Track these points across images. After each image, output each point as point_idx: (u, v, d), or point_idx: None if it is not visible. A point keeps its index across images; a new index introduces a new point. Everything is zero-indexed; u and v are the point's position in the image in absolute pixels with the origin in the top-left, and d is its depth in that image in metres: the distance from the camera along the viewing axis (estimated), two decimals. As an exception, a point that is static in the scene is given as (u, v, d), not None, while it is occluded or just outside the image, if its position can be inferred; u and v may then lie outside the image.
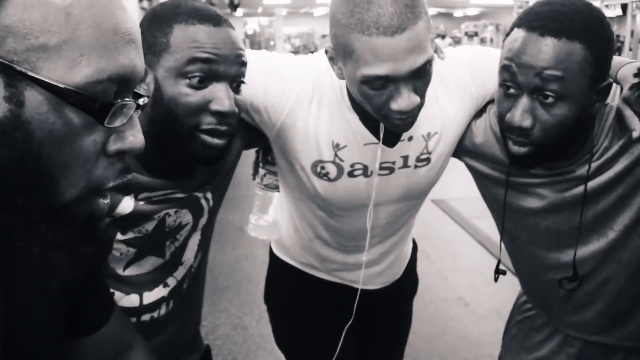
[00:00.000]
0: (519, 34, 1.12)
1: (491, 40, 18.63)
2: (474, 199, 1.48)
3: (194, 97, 1.06)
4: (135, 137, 0.67)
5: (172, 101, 1.05)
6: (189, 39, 1.05)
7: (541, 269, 1.38)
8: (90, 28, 0.60)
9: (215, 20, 1.08)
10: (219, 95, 1.07)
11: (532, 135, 1.14)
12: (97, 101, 0.61)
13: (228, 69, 1.08)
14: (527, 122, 1.12)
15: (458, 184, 1.50)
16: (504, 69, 1.14)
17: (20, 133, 0.58)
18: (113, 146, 0.65)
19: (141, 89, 0.70)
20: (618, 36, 14.12)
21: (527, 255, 1.41)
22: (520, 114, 1.12)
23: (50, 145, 0.59)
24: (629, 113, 1.17)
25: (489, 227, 1.48)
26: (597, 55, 1.09)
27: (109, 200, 0.70)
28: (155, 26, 1.07)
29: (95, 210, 0.68)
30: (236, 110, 1.10)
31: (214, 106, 1.07)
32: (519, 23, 1.14)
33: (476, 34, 19.69)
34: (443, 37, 15.55)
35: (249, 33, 23.97)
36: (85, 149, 0.63)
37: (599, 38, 1.10)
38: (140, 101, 0.68)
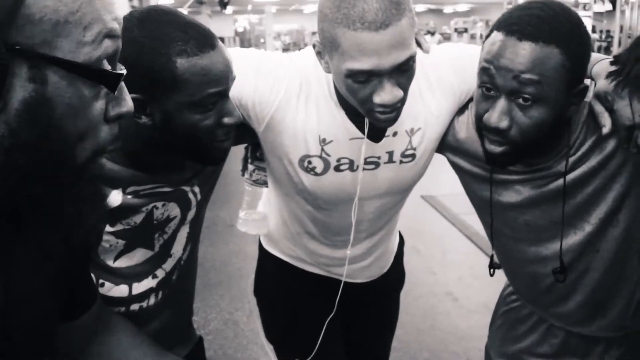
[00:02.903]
0: (497, 37, 1.14)
1: (481, 36, 18.67)
2: (464, 195, 1.51)
3: (209, 119, 1.11)
4: (127, 102, 0.73)
5: (190, 128, 1.10)
6: (197, 73, 1.06)
7: (523, 262, 1.41)
8: (90, 4, 0.65)
9: (211, 42, 1.09)
10: (230, 110, 1.13)
11: (509, 136, 1.17)
12: (111, 73, 0.68)
13: (230, 84, 1.14)
14: (504, 124, 1.15)
15: (448, 181, 1.52)
16: (483, 71, 1.17)
17: (45, 110, 0.62)
18: (112, 111, 0.71)
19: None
20: (608, 31, 14.20)
21: (510, 249, 1.44)
22: (497, 115, 1.15)
23: (69, 117, 0.65)
24: (599, 109, 1.20)
25: (478, 223, 1.51)
26: (574, 60, 1.12)
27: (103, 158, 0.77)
28: (150, 57, 1.05)
29: (98, 168, 0.75)
30: (241, 116, 1.18)
31: (228, 120, 1.13)
32: (498, 26, 1.16)
33: (466, 30, 19.76)
34: (432, 33, 15.59)
35: (238, 31, 23.92)
36: (94, 116, 0.68)
37: (575, 43, 1.12)
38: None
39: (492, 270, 1.48)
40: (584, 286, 1.37)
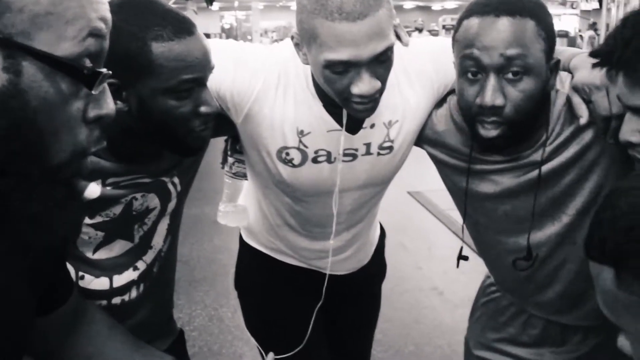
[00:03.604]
0: (472, 22, 1.16)
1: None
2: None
3: (185, 107, 1.11)
4: (109, 104, 0.72)
5: (165, 115, 1.10)
6: (173, 59, 1.06)
7: (502, 252, 1.42)
8: (74, 1, 0.64)
9: (188, 29, 1.09)
10: (206, 99, 1.13)
11: (504, 114, 1.18)
12: (88, 70, 0.67)
13: (207, 74, 1.13)
14: (499, 100, 1.16)
15: (434, 176, 1.53)
16: (465, 58, 1.18)
17: (18, 101, 0.62)
18: (92, 112, 0.70)
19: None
20: (596, 29, 14.30)
21: (489, 240, 1.45)
22: (491, 93, 1.16)
23: (43, 112, 0.64)
24: (577, 100, 1.21)
25: (464, 218, 1.52)
26: (547, 30, 1.16)
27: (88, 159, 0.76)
28: (127, 41, 1.04)
29: (81, 170, 0.74)
30: (218, 106, 1.18)
31: (204, 109, 1.13)
32: (467, 15, 1.19)
33: (453, 27, 19.81)
34: (420, 30, 15.61)
35: (225, 27, 23.87)
36: (71, 115, 0.67)
37: (545, 14, 1.17)
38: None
39: (458, 262, 1.49)
40: (562, 277, 1.38)
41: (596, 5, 12.34)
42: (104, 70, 0.69)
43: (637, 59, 0.95)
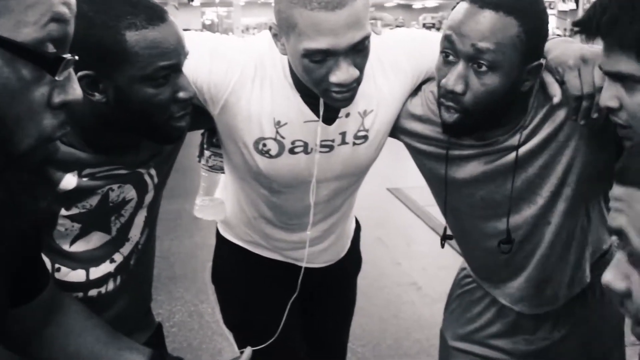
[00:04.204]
0: (462, 6, 1.19)
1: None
2: (428, 187, 1.54)
3: (163, 94, 1.11)
4: (75, 90, 0.72)
5: (143, 103, 1.10)
6: (147, 46, 1.06)
7: (481, 237, 1.45)
8: None
9: (160, 16, 1.09)
10: (183, 84, 1.14)
11: (462, 101, 1.21)
12: (51, 55, 0.66)
13: (182, 60, 1.14)
14: (459, 87, 1.19)
15: (413, 173, 1.55)
16: (445, 38, 1.21)
17: None
18: (57, 98, 0.70)
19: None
20: (573, 30, 14.46)
21: (468, 226, 1.48)
22: (454, 79, 1.19)
23: (5, 99, 0.63)
24: (550, 80, 1.25)
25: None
26: (530, 34, 1.17)
27: (58, 143, 0.75)
28: (100, 32, 1.04)
29: (49, 155, 0.74)
30: (195, 91, 1.19)
31: (182, 95, 1.13)
32: None
33: (434, 25, 19.91)
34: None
35: (206, 23, 23.75)
36: (35, 101, 0.67)
37: (534, 18, 1.18)
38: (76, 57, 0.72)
39: (443, 243, 1.53)
40: (535, 259, 1.42)
41: (573, 5, 12.48)
42: (68, 55, 0.68)
43: (614, 25, 0.98)
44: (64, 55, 0.68)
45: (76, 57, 0.71)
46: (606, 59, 1.03)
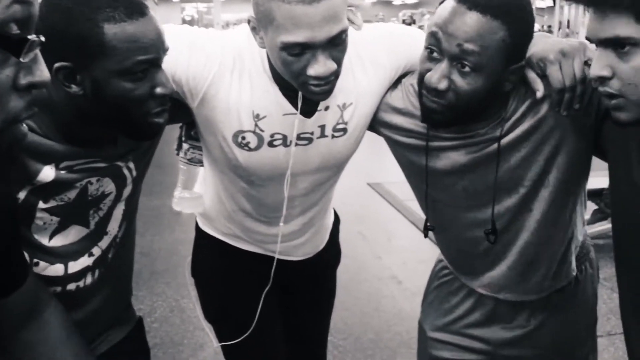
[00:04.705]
0: (449, 3, 1.20)
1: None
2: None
3: (141, 89, 1.11)
4: (42, 72, 0.72)
5: (120, 97, 1.10)
6: (126, 40, 1.06)
7: (461, 228, 1.47)
8: None
9: (140, 10, 1.09)
10: (162, 80, 1.14)
11: (446, 97, 1.23)
12: (15, 37, 0.65)
13: (162, 55, 1.14)
14: (442, 85, 1.22)
15: (393, 168, 1.57)
16: (431, 34, 1.22)
17: None
18: (23, 80, 0.70)
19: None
20: (550, 27, 14.60)
21: (448, 217, 1.49)
22: (438, 76, 1.22)
23: None
24: (532, 75, 1.27)
25: (422, 208, 1.56)
26: (515, 38, 1.19)
27: (25, 125, 0.75)
28: (78, 23, 1.04)
29: (17, 136, 0.74)
30: (174, 87, 1.19)
31: (159, 91, 1.13)
32: None
33: (414, 21, 19.96)
34: (381, 24, 15.67)
35: (186, 19, 23.58)
36: (0, 83, 0.67)
37: (520, 22, 1.20)
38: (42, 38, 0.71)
39: (426, 233, 1.54)
40: (516, 247, 1.44)
41: (550, 2, 12.61)
42: (33, 36, 0.68)
43: None
44: (29, 37, 0.67)
45: (42, 38, 0.70)
46: (599, 26, 1.01)
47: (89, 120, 1.14)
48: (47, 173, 1.14)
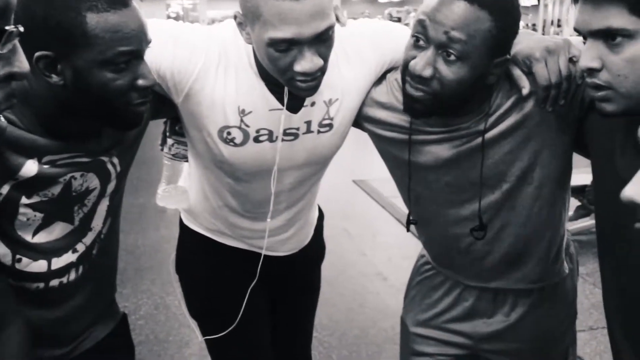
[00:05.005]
0: None
1: (414, 26, 18.91)
2: (393, 179, 1.57)
3: (123, 80, 1.10)
4: (21, 63, 0.72)
5: (101, 88, 1.09)
6: (108, 30, 1.05)
7: (444, 224, 1.48)
8: None
9: (123, 0, 1.08)
10: (144, 72, 1.13)
11: (430, 85, 1.24)
12: None
13: (144, 47, 1.14)
14: (427, 72, 1.23)
15: (378, 165, 1.59)
16: (419, 22, 1.23)
17: None
18: (2, 71, 0.70)
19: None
20: (534, 25, 14.71)
21: (431, 213, 1.50)
22: (423, 63, 1.22)
23: None
24: (518, 73, 1.29)
25: (407, 205, 1.57)
26: (501, 29, 1.20)
27: (4, 119, 0.74)
28: (60, 12, 1.03)
29: None
30: (156, 79, 1.18)
31: (141, 83, 1.13)
32: None
33: (399, 19, 19.99)
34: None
35: (171, 16, 23.45)
36: None
37: (507, 14, 1.22)
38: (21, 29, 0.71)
39: (408, 226, 1.55)
40: (501, 242, 1.45)
41: (534, 1, 12.70)
42: (11, 27, 0.68)
43: None
44: (7, 27, 0.67)
45: (20, 29, 0.70)
46: (591, 18, 1.02)
47: (71, 111, 1.14)
48: (30, 168, 1.13)
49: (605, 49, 1.02)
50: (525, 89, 1.28)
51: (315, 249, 1.84)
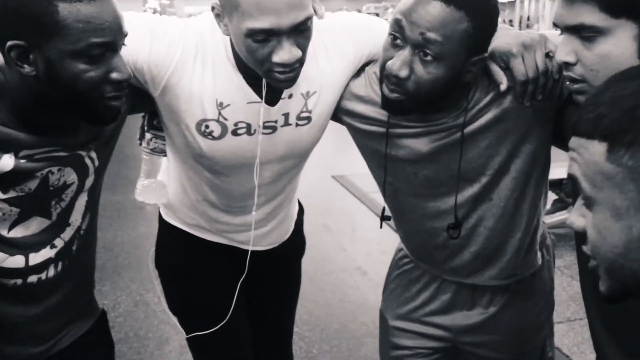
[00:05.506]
0: None
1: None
2: (372, 174, 1.57)
3: (95, 72, 1.09)
4: None
5: (73, 79, 1.08)
6: (81, 21, 1.05)
7: (421, 218, 1.49)
8: None
9: None
10: (118, 66, 1.12)
11: (406, 86, 1.24)
12: None
13: (119, 39, 1.13)
14: (403, 73, 1.23)
15: (357, 160, 1.59)
16: (396, 21, 1.23)
17: None
18: None
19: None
20: (511, 21, 14.82)
21: (408, 207, 1.51)
22: (399, 64, 1.23)
23: None
24: (495, 69, 1.30)
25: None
26: (478, 30, 1.21)
27: None
28: (32, 1, 1.03)
29: None
30: (131, 73, 1.17)
31: (115, 76, 1.12)
32: None
33: (377, 15, 19.99)
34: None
35: (148, 12, 23.24)
36: None
37: (484, 14, 1.22)
38: None
39: (382, 222, 1.56)
40: (477, 236, 1.46)
41: (512, -3, 12.83)
42: None
43: None
44: None
45: None
46: (566, 13, 1.06)
47: (44, 104, 1.13)
48: (6, 162, 1.12)
49: (579, 44, 1.06)
50: (503, 84, 1.29)
51: (296, 243, 1.83)
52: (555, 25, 1.10)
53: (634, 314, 1.08)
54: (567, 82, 1.12)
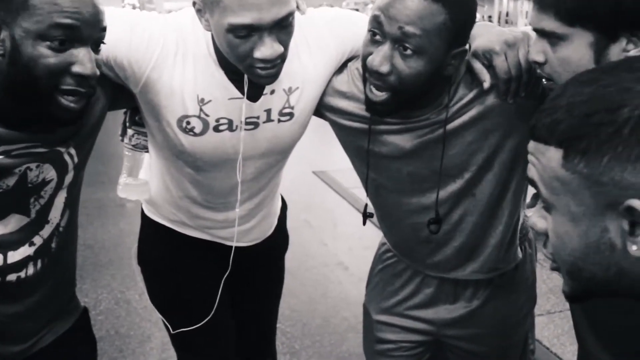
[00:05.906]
0: None
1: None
2: (353, 170, 1.58)
3: (55, 59, 1.07)
4: None
5: (31, 62, 1.06)
6: (50, 1, 1.04)
7: (404, 214, 1.50)
8: None
9: None
10: (81, 59, 1.09)
11: (388, 81, 1.25)
12: None
13: (90, 33, 1.10)
14: (384, 68, 1.23)
15: (338, 156, 1.59)
16: (374, 17, 1.24)
17: None
18: None
19: None
20: (490, 17, 14.91)
21: (392, 203, 1.52)
22: (380, 59, 1.23)
23: None
24: (478, 66, 1.31)
25: (367, 196, 1.57)
26: (456, 22, 1.21)
27: None
28: None
29: None
30: (97, 72, 1.13)
31: (76, 69, 1.09)
32: None
33: (357, 10, 19.97)
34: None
35: (127, 8, 23.02)
36: None
37: (461, 6, 1.23)
38: None
39: (364, 219, 1.56)
40: (460, 231, 1.47)
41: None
42: None
43: None
44: None
45: None
46: (534, 17, 1.12)
47: (12, 93, 1.10)
48: None
49: (547, 45, 1.12)
50: (487, 82, 1.30)
51: (279, 239, 1.83)
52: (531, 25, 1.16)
53: (616, 307, 1.09)
54: (543, 79, 1.16)
